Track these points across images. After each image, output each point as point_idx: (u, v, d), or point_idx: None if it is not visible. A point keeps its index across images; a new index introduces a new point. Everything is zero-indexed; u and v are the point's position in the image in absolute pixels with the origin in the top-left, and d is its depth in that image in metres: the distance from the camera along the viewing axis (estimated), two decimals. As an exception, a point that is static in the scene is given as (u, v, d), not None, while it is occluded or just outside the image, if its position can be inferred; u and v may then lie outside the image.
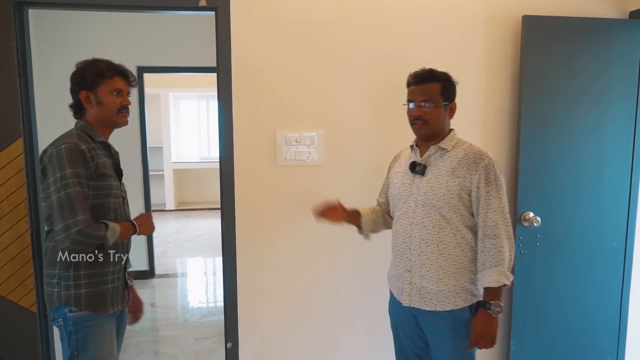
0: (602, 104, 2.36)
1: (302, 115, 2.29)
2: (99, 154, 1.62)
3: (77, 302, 1.57)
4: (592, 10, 2.38)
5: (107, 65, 1.68)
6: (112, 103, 1.66)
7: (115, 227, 1.58)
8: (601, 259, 2.43)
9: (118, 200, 1.68)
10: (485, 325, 1.60)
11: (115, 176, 1.68)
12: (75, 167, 1.50)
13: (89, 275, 1.59)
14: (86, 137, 1.62)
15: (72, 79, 1.66)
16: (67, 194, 1.48)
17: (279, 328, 2.40)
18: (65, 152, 1.51)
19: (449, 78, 1.70)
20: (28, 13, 2.12)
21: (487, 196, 1.61)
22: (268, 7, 2.20)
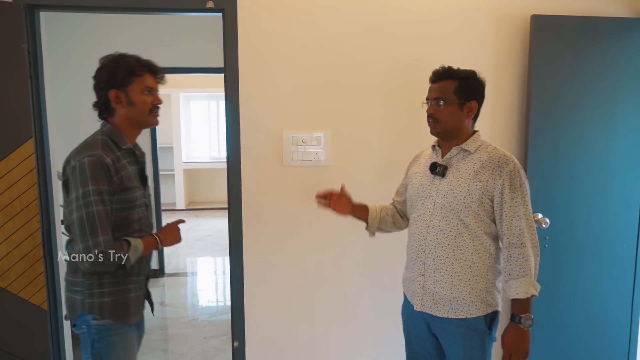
0: (612, 104, 2.33)
1: (309, 115, 2.29)
2: (124, 165, 1.54)
3: (100, 310, 1.53)
4: (601, 9, 2.35)
5: (138, 61, 1.57)
6: (143, 103, 1.56)
7: (137, 244, 1.53)
8: (611, 261, 2.40)
9: (142, 209, 1.62)
10: (517, 339, 1.53)
11: (140, 185, 1.61)
12: (97, 184, 1.43)
13: (113, 283, 1.55)
14: (111, 145, 1.54)
15: (99, 76, 1.55)
16: (88, 213, 1.42)
17: (286, 327, 2.41)
18: (89, 167, 1.43)
19: (469, 76, 1.63)
20: (39, 15, 2.16)
21: (512, 203, 1.54)
22: (275, 8, 2.21)
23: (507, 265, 1.55)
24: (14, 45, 2.03)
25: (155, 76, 1.60)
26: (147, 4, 2.14)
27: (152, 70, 1.59)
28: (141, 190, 1.62)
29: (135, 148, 1.66)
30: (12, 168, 2.08)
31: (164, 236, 1.66)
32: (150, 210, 1.71)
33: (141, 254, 1.55)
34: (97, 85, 1.56)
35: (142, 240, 1.57)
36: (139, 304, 1.66)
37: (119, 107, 1.55)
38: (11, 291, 2.12)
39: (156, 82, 1.61)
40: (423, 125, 1.87)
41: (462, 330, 1.60)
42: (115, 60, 1.55)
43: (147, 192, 1.68)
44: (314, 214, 2.35)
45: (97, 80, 1.56)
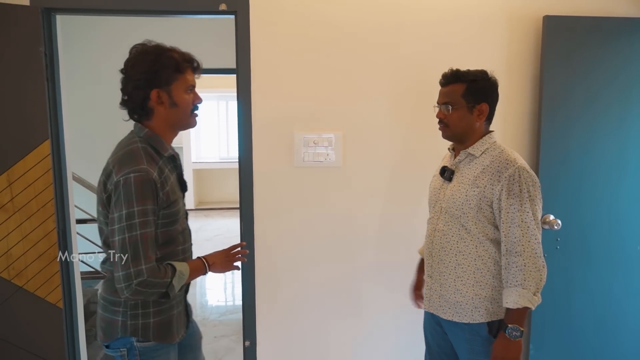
0: (625, 104, 2.31)
1: (320, 116, 2.31)
2: (167, 176, 1.38)
3: (144, 332, 1.40)
4: (614, 9, 2.33)
5: (181, 56, 1.38)
6: (187, 103, 1.39)
7: (183, 271, 1.39)
8: (624, 263, 2.38)
9: (183, 219, 1.49)
10: (502, 348, 1.49)
11: (181, 194, 1.48)
12: (144, 204, 1.28)
13: (157, 302, 1.41)
14: (153, 154, 1.37)
15: (135, 72, 1.34)
16: (132, 237, 1.27)
17: (297, 327, 2.42)
18: (135, 185, 1.27)
19: (479, 78, 1.58)
20: (56, 19, 2.19)
21: (510, 209, 1.48)
22: (287, 10, 2.22)
23: (504, 273, 1.51)
24: (31, 48, 2.07)
25: (195, 71, 1.44)
26: (161, 6, 2.16)
27: (193, 66, 1.42)
28: (183, 199, 1.49)
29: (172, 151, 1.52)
30: (29, 169, 2.11)
31: (213, 260, 1.50)
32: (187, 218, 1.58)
33: (187, 280, 1.41)
34: (132, 81, 1.34)
35: (189, 265, 1.44)
36: (181, 319, 1.53)
37: (160, 108, 1.36)
38: (28, 290, 2.16)
39: (195, 78, 1.45)
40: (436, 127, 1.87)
41: (466, 334, 1.60)
42: (155, 55, 1.34)
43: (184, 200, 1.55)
44: (326, 214, 2.36)
45: (133, 75, 1.34)
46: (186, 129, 1.50)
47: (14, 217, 2.12)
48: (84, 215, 3.46)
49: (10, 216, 2.12)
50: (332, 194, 2.35)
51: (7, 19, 2.04)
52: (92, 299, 3.41)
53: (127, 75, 1.36)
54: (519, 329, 1.48)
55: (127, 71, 1.36)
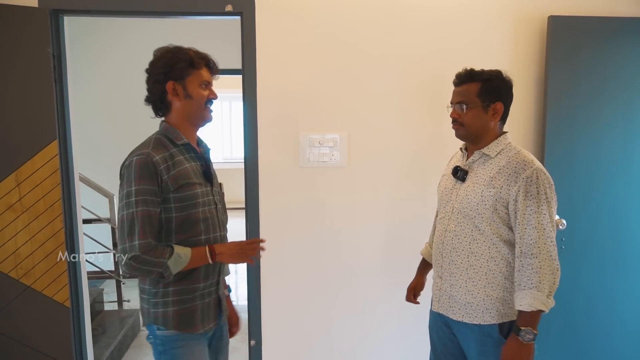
0: (631, 104, 2.31)
1: (325, 117, 2.32)
2: (180, 161, 1.45)
3: (164, 321, 1.44)
4: (620, 9, 2.33)
5: (196, 53, 1.50)
6: (201, 96, 1.49)
7: (183, 254, 1.40)
8: (630, 263, 2.38)
9: (210, 208, 1.51)
10: (513, 351, 1.47)
11: (203, 182, 1.51)
12: (142, 184, 1.35)
13: (178, 292, 1.45)
14: (166, 142, 1.46)
15: (155, 68, 1.47)
16: (129, 214, 1.35)
17: (302, 327, 2.43)
18: (135, 166, 1.37)
19: (494, 77, 1.58)
20: (64, 20, 2.21)
21: (526, 211, 1.47)
22: (292, 11, 2.23)
23: (518, 275, 1.49)
24: (39, 49, 2.09)
25: (211, 70, 1.54)
26: (168, 8, 2.18)
27: (208, 63, 1.52)
28: (206, 187, 1.51)
29: (199, 145, 1.59)
30: (37, 169, 2.13)
31: (221, 250, 1.49)
32: (223, 210, 1.62)
33: (187, 266, 1.41)
34: (152, 77, 1.48)
35: (194, 250, 1.43)
36: (209, 312, 1.53)
37: (176, 100, 1.47)
38: (35, 289, 2.18)
39: (211, 76, 1.54)
40: (443, 127, 1.88)
41: (476, 335, 1.59)
42: (173, 52, 1.47)
43: (215, 190, 1.58)
44: (331, 214, 2.37)
45: (153, 72, 1.47)
46: (202, 123, 1.56)
47: (22, 216, 2.14)
48: (90, 216, 3.48)
49: (18, 216, 2.14)
50: (337, 194, 2.36)
51: (16, 21, 2.06)
52: (97, 299, 3.43)
53: (149, 73, 1.49)
54: (532, 332, 1.45)
55: (150, 69, 1.49)
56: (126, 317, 3.42)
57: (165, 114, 1.52)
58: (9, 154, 2.12)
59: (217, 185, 1.61)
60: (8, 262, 2.15)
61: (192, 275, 1.47)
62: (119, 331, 3.18)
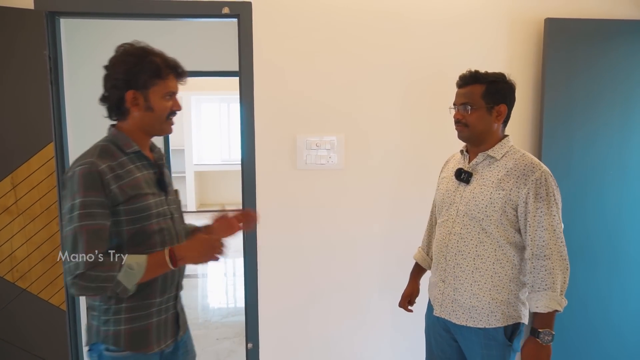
0: (627, 107, 2.32)
1: (322, 119, 2.32)
2: (130, 170, 1.32)
3: (115, 340, 1.31)
4: (616, 12, 2.34)
5: (165, 62, 1.35)
6: (163, 109, 1.35)
7: (136, 264, 1.25)
8: (625, 265, 2.39)
9: (165, 219, 1.38)
10: (534, 355, 1.47)
11: (157, 191, 1.38)
12: (87, 195, 1.22)
13: (132, 308, 1.32)
14: (114, 150, 1.33)
15: (115, 72, 1.32)
16: (72, 230, 1.22)
17: (299, 330, 2.43)
18: (78, 177, 1.23)
19: (498, 80, 1.58)
20: (60, 22, 2.21)
21: (537, 213, 1.47)
22: (289, 13, 2.24)
23: (530, 277, 1.49)
24: (35, 51, 2.08)
25: (178, 78, 1.40)
26: (165, 10, 2.18)
27: (177, 72, 1.38)
28: (159, 197, 1.39)
29: (153, 151, 1.47)
30: (33, 171, 2.12)
31: (183, 253, 1.32)
32: (180, 219, 1.50)
33: (145, 276, 1.27)
34: (110, 80, 1.33)
35: (149, 258, 1.28)
36: (167, 329, 1.41)
37: (135, 110, 1.34)
38: (31, 292, 2.17)
39: (178, 85, 1.40)
40: (440, 129, 1.88)
41: (481, 339, 1.58)
42: (138, 57, 1.32)
43: (171, 199, 1.45)
44: (328, 216, 2.37)
45: (113, 78, 1.32)
46: (160, 135, 1.44)
47: (18, 219, 2.13)
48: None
49: (14, 219, 2.13)
50: (335, 196, 2.36)
51: (12, 23, 2.05)
52: (94, 301, 3.41)
53: (108, 73, 1.34)
54: (550, 333, 1.46)
55: (109, 69, 1.34)
56: (123, 320, 3.40)
57: (120, 119, 1.38)
58: (4, 156, 2.11)
59: (173, 194, 1.48)
60: (4, 265, 2.14)
61: (148, 289, 1.33)
62: (116, 334, 3.16)
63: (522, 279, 1.58)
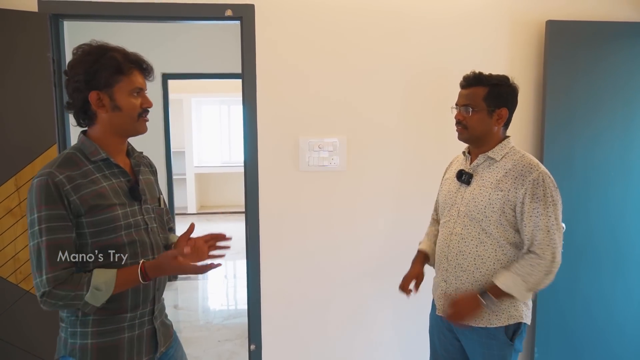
0: (630, 108, 2.33)
1: (325, 121, 2.32)
2: (94, 180, 1.23)
3: (82, 354, 1.24)
4: (618, 14, 2.35)
5: (124, 56, 1.27)
6: (132, 107, 1.27)
7: (103, 283, 1.18)
8: (629, 266, 2.39)
9: (136, 230, 1.29)
10: (468, 301, 1.54)
11: (127, 201, 1.28)
12: (45, 209, 1.16)
13: (99, 321, 1.25)
14: (79, 159, 1.25)
15: (74, 73, 1.24)
16: (35, 245, 1.17)
17: (302, 331, 2.43)
18: (35, 190, 1.17)
19: (501, 83, 1.59)
20: (63, 25, 2.21)
21: (533, 213, 1.48)
22: (292, 16, 2.24)
23: (515, 261, 1.53)
24: (39, 53, 2.09)
25: (144, 73, 1.32)
26: (169, 13, 2.18)
27: (141, 66, 1.30)
28: (130, 207, 1.29)
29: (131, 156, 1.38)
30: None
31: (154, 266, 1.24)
32: (155, 230, 1.37)
33: (116, 291, 1.21)
34: (72, 84, 1.25)
35: (119, 275, 1.21)
36: (141, 345, 1.31)
37: (102, 112, 1.26)
38: (34, 293, 2.16)
39: (145, 80, 1.32)
40: (443, 131, 1.88)
41: (482, 338, 1.59)
42: (96, 55, 1.24)
43: (147, 208, 1.35)
44: (330, 218, 2.37)
45: (73, 77, 1.24)
46: (135, 135, 1.34)
47: (22, 221, 2.13)
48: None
49: (17, 220, 2.13)
50: (337, 198, 2.37)
51: (16, 25, 2.06)
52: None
53: (68, 77, 1.27)
54: (494, 303, 1.51)
55: (68, 72, 1.27)
56: (125, 322, 3.40)
57: (89, 124, 1.30)
58: (8, 158, 2.11)
59: (152, 202, 1.38)
60: (7, 267, 2.14)
61: (116, 304, 1.25)
62: (118, 336, 3.16)
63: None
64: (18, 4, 2.08)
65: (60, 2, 2.12)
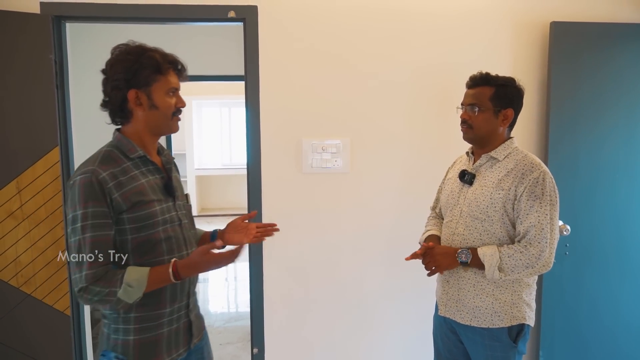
0: (633, 109, 2.32)
1: (328, 122, 2.31)
2: (134, 176, 1.28)
3: (124, 350, 1.29)
4: (622, 15, 2.34)
5: (163, 57, 1.31)
6: (168, 106, 1.32)
7: (135, 280, 1.21)
8: (634, 269, 2.38)
9: (172, 226, 1.34)
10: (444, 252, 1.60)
11: (163, 197, 1.34)
12: (88, 206, 1.20)
13: (141, 319, 1.29)
14: (117, 156, 1.29)
15: (114, 72, 1.28)
16: (76, 241, 1.21)
17: (305, 334, 2.41)
18: (79, 187, 1.21)
19: (507, 84, 1.59)
20: (65, 26, 2.21)
21: (530, 211, 1.49)
22: (295, 18, 2.24)
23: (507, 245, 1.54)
24: (41, 55, 2.08)
25: (179, 74, 1.37)
26: (171, 14, 2.18)
27: (176, 67, 1.35)
28: (166, 203, 1.34)
29: (161, 154, 1.43)
30: (38, 176, 2.11)
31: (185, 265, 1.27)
32: (189, 225, 1.43)
33: (148, 289, 1.23)
34: (111, 82, 1.29)
35: (151, 273, 1.24)
36: (178, 339, 1.37)
37: (139, 110, 1.30)
38: (36, 297, 2.15)
39: (179, 81, 1.37)
40: (447, 132, 1.87)
41: (485, 340, 1.58)
42: (136, 54, 1.28)
43: (180, 205, 1.40)
44: (333, 220, 2.36)
45: (112, 76, 1.28)
46: (168, 134, 1.40)
47: (23, 224, 2.12)
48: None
49: (19, 223, 2.12)
50: (341, 200, 2.35)
51: (18, 27, 2.05)
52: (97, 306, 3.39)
53: (107, 76, 1.31)
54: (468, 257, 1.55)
55: (107, 71, 1.30)
56: (126, 325, 3.38)
57: (124, 122, 1.34)
58: (9, 160, 2.10)
59: (182, 199, 1.43)
60: (9, 270, 2.12)
61: (156, 299, 1.30)
62: (119, 339, 3.15)
63: (526, 281, 1.59)
64: (20, 6, 2.08)
65: (62, 3, 2.11)
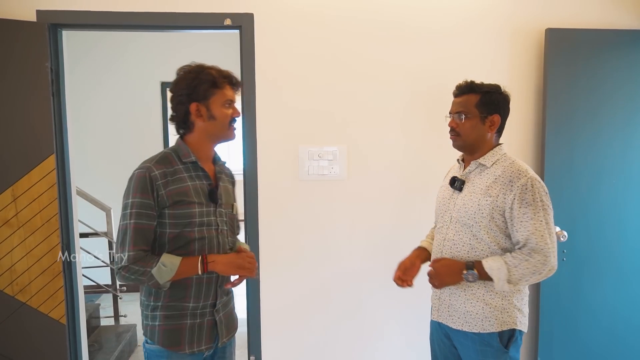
0: (628, 115, 2.33)
1: (324, 130, 2.31)
2: (182, 178, 1.45)
3: (152, 334, 1.46)
4: (617, 22, 2.35)
5: (219, 72, 1.50)
6: (225, 116, 1.49)
7: (169, 262, 1.38)
8: (632, 274, 2.37)
9: (208, 229, 1.47)
10: (447, 266, 1.59)
11: (205, 202, 1.48)
12: (138, 197, 1.38)
13: (167, 307, 1.45)
14: (172, 158, 1.47)
15: (178, 89, 1.48)
16: (124, 225, 1.40)
17: (302, 341, 2.40)
18: (135, 179, 1.40)
19: (492, 91, 1.63)
20: (62, 34, 2.21)
21: (523, 218, 1.50)
22: (291, 25, 2.24)
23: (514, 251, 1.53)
24: (37, 63, 2.08)
25: (234, 88, 1.53)
26: (168, 22, 2.18)
27: (231, 82, 1.52)
28: (207, 207, 1.48)
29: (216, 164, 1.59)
30: (33, 184, 2.11)
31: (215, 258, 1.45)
32: (225, 232, 1.54)
33: (177, 275, 1.40)
34: (176, 98, 1.48)
35: (183, 260, 1.41)
36: (202, 333, 1.49)
37: (199, 121, 1.48)
38: (31, 305, 2.14)
39: (234, 94, 1.53)
40: (442, 140, 1.87)
41: (477, 345, 1.59)
42: (196, 72, 1.47)
43: (221, 212, 1.53)
44: (331, 227, 2.36)
45: (177, 93, 1.48)
46: (225, 141, 1.56)
47: (18, 232, 2.11)
48: (87, 230, 3.44)
49: (14, 231, 2.11)
50: (337, 206, 2.35)
51: (15, 35, 2.05)
52: (93, 314, 3.37)
53: (173, 93, 1.50)
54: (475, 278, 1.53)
55: (173, 89, 1.50)
56: (123, 333, 3.36)
57: (187, 132, 1.52)
58: (5, 168, 2.10)
59: (226, 208, 1.56)
60: (4, 279, 2.11)
61: (181, 293, 1.45)
62: (116, 347, 3.12)
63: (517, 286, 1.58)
64: (17, 14, 2.08)
65: (59, 11, 2.12)
